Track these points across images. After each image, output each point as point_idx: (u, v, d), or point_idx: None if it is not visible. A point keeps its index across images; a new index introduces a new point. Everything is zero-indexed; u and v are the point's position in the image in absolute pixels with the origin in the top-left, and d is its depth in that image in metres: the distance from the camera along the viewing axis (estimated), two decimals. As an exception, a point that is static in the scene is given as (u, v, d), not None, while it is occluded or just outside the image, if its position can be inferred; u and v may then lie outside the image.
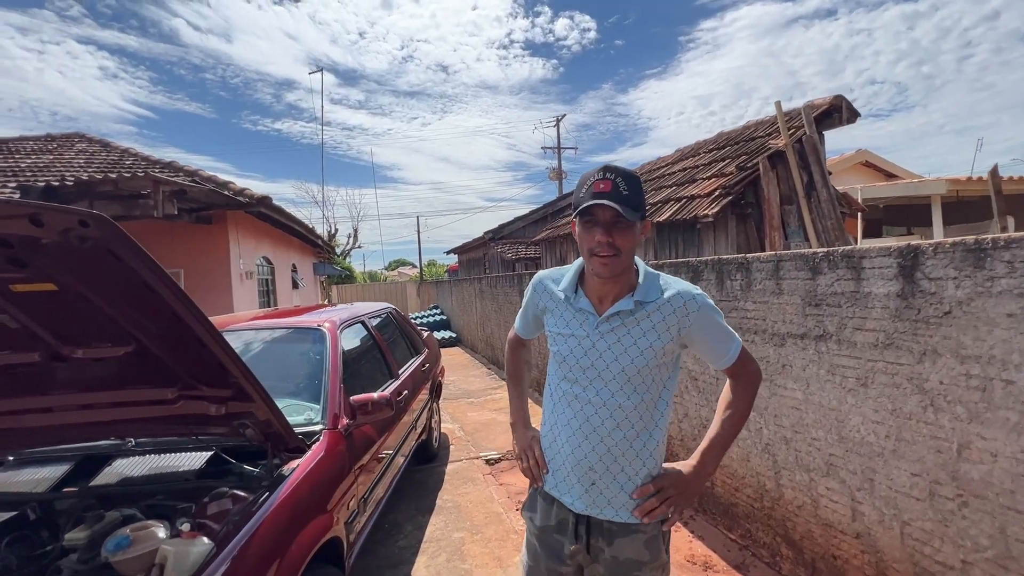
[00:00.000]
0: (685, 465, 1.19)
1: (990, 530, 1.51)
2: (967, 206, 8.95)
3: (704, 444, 1.19)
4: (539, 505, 1.27)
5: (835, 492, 2.03)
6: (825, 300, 2.02)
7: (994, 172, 4.42)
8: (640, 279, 1.15)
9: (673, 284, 1.15)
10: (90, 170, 7.24)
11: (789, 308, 2.20)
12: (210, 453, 1.87)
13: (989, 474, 1.51)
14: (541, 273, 1.31)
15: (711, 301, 1.15)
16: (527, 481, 1.31)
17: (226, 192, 6.42)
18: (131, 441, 1.97)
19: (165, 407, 1.67)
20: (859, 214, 6.65)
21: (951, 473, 1.61)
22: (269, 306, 9.56)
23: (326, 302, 16.45)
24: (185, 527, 1.43)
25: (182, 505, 1.63)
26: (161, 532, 1.44)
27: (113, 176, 5.47)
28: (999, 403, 1.47)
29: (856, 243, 6.77)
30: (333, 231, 24.51)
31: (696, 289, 1.15)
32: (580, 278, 1.21)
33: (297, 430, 1.88)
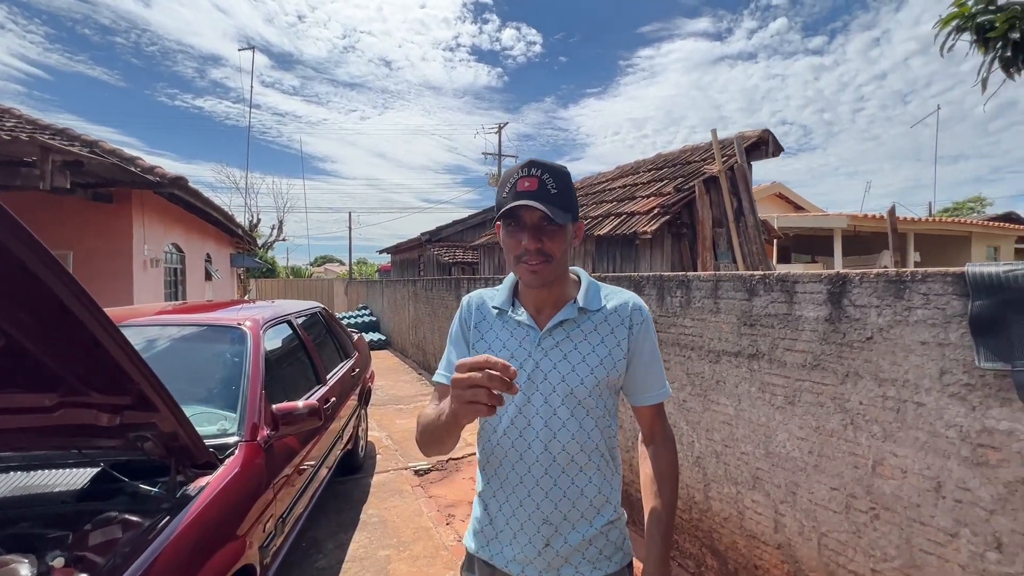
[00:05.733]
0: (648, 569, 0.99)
1: (897, 541, 1.64)
2: (862, 239, 10.07)
3: (657, 542, 0.99)
4: (477, 568, 1.07)
5: (760, 505, 2.13)
6: (759, 321, 2.12)
7: (891, 212, 5.03)
8: (582, 287, 1.04)
9: (617, 293, 1.05)
10: (-42, 129, 6.18)
11: (725, 327, 2.29)
12: (96, 470, 1.59)
13: (899, 489, 1.63)
14: (472, 293, 1.15)
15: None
16: (459, 493, 1.12)
17: (132, 168, 5.73)
18: (-10, 455, 1.64)
19: (40, 416, 1.39)
20: (775, 241, 7.24)
21: (866, 487, 1.73)
22: (177, 298, 8.67)
23: (247, 298, 15.34)
24: (58, 562, 1.19)
25: (55, 534, 1.36)
26: (25, 570, 1.18)
27: (-11, 138, 4.68)
28: (911, 423, 1.59)
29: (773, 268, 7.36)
30: (255, 221, 22.82)
31: (641, 300, 1.05)
32: (515, 291, 1.08)
33: (208, 442, 1.66)
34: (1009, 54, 2.20)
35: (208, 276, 10.73)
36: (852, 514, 1.77)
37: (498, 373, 0.69)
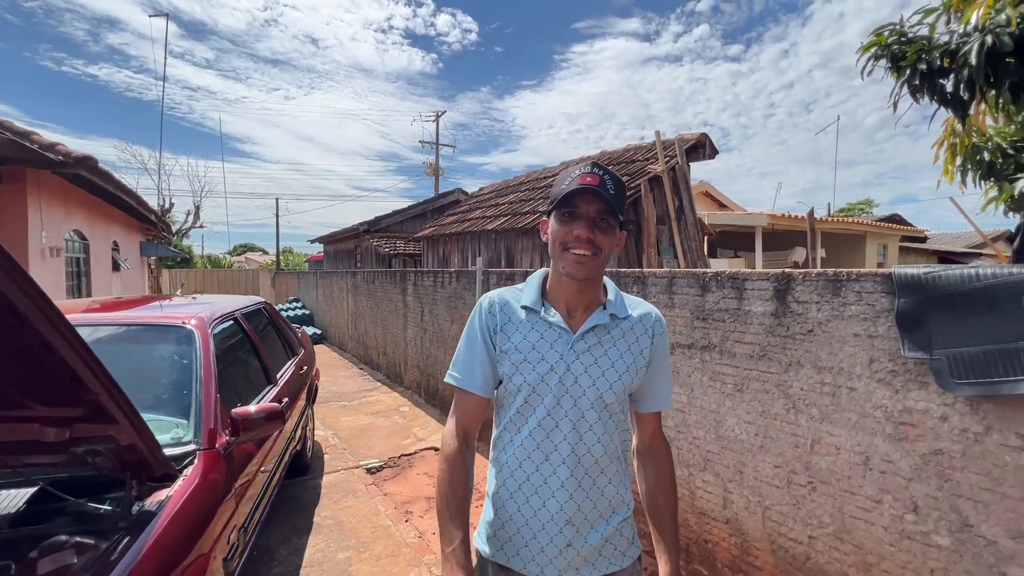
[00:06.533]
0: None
1: (831, 510, 1.85)
2: (778, 236, 11.02)
3: (673, 553, 1.07)
4: (491, 571, 1.07)
5: (710, 484, 2.31)
6: (711, 315, 2.28)
7: (811, 214, 5.60)
8: (610, 293, 1.07)
9: (639, 303, 1.11)
10: None
11: (679, 320, 2.45)
12: (34, 489, 1.43)
13: (833, 464, 1.84)
14: (491, 293, 1.11)
15: None
16: (415, 489, 1.11)
17: (29, 144, 5.04)
18: None
19: (-33, 433, 1.23)
20: (706, 237, 7.76)
21: (805, 464, 1.93)
22: (81, 292, 7.77)
23: (179, 291, 14.05)
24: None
25: None
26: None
27: None
28: (844, 406, 1.80)
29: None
30: (168, 206, 20.82)
31: (659, 312, 1.11)
32: (542, 291, 1.08)
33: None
34: (917, 81, 2.52)
35: (116, 266, 9.70)
36: (792, 488, 1.97)
37: None
